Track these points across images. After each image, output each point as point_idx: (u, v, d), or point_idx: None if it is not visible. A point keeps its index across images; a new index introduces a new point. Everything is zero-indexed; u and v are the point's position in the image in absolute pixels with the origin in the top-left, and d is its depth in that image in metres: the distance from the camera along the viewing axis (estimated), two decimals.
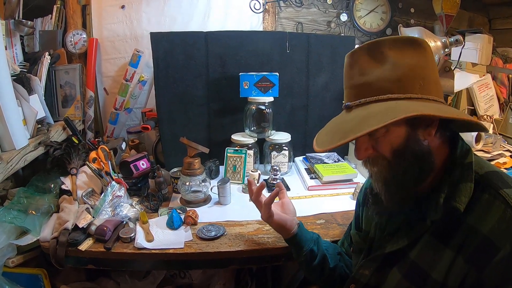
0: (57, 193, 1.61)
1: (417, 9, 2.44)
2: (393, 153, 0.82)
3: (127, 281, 1.83)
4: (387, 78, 0.81)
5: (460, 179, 0.82)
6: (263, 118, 1.95)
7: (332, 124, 0.90)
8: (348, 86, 0.88)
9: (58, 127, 1.88)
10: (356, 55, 0.87)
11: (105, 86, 2.30)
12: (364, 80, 0.83)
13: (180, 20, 2.24)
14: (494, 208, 0.75)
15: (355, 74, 0.85)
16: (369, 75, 0.83)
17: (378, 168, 0.87)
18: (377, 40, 0.85)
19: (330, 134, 0.86)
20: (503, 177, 0.81)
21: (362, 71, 0.84)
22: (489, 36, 2.34)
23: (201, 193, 1.67)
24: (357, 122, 0.79)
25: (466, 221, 0.78)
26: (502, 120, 2.19)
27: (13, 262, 1.37)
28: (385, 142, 0.82)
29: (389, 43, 0.84)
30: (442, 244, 0.81)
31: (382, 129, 0.78)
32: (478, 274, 0.74)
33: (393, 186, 0.85)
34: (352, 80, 0.86)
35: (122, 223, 1.45)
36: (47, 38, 2.14)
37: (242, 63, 1.98)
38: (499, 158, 1.86)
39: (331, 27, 2.37)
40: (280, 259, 1.39)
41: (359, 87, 0.84)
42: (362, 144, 0.86)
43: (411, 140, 0.81)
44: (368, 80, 0.83)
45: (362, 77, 0.84)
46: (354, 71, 0.86)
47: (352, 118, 0.83)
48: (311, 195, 1.77)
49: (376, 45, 0.85)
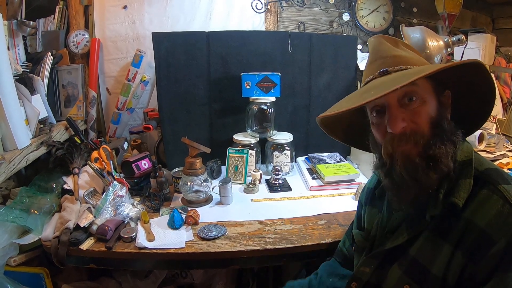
0: (59, 193, 1.62)
1: (419, 9, 2.43)
2: (432, 125, 0.83)
3: (128, 281, 1.83)
4: (417, 59, 0.86)
5: (460, 176, 0.82)
6: (265, 118, 1.95)
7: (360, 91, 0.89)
8: (382, 57, 0.89)
9: (61, 127, 1.89)
10: (382, 37, 0.92)
11: (107, 86, 2.31)
12: (399, 53, 0.87)
13: (182, 20, 2.24)
14: (492, 202, 0.76)
15: (387, 48, 0.88)
16: (400, 51, 0.87)
17: (412, 145, 0.82)
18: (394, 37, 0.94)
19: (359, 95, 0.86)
20: (502, 174, 0.81)
21: (393, 48, 0.88)
22: (492, 36, 2.32)
23: (203, 193, 1.67)
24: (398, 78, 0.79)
25: (464, 215, 0.78)
26: (505, 120, 2.18)
27: (15, 261, 1.38)
28: (424, 112, 0.83)
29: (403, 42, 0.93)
30: (441, 240, 0.81)
31: (419, 99, 0.81)
32: (474, 266, 0.74)
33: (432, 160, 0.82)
34: (386, 52, 0.88)
35: (124, 223, 1.46)
36: (49, 39, 2.14)
37: (244, 63, 1.98)
38: (502, 159, 1.84)
39: (333, 27, 2.37)
40: (281, 260, 1.40)
41: (395, 57, 0.86)
42: (399, 113, 0.83)
43: (442, 115, 0.85)
44: (402, 54, 0.86)
45: (395, 50, 0.87)
46: (385, 47, 0.89)
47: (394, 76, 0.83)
48: (313, 195, 1.77)
49: (394, 39, 0.93)
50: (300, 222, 1.51)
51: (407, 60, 0.85)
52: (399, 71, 0.84)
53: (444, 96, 0.87)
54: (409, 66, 0.84)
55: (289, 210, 1.61)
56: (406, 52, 0.88)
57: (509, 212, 0.72)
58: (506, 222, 0.72)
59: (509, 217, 0.72)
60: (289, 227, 1.47)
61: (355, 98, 0.85)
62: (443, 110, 0.86)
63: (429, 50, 1.60)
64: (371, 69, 0.90)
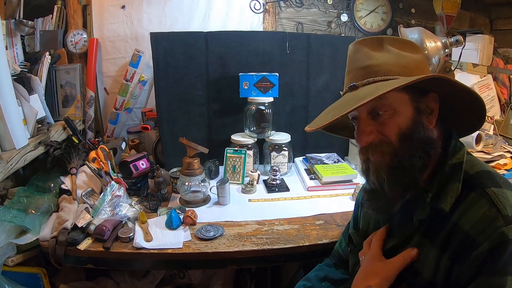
0: (57, 193, 1.61)
1: (418, 10, 2.44)
2: (400, 136, 0.82)
3: (126, 281, 1.83)
4: (394, 63, 0.83)
5: (449, 179, 0.82)
6: (263, 119, 1.95)
7: (335, 104, 0.90)
8: (354, 69, 0.88)
9: (58, 127, 1.89)
10: (360, 43, 0.89)
11: (105, 86, 2.31)
12: (371, 62, 0.84)
13: (180, 20, 2.24)
14: (479, 206, 0.75)
15: (361, 58, 0.86)
16: (375, 59, 0.84)
17: (379, 155, 0.85)
18: (379, 36, 0.88)
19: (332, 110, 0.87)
20: (493, 177, 0.80)
21: (369, 56, 0.85)
22: (490, 37, 2.33)
23: (200, 193, 1.67)
24: (369, 91, 0.79)
25: (452, 219, 0.78)
26: (503, 121, 2.18)
27: (12, 261, 1.38)
28: (392, 123, 0.82)
29: (390, 40, 0.87)
30: (430, 243, 0.81)
31: (389, 110, 0.81)
32: (459, 268, 0.74)
33: (397, 172, 0.84)
34: (358, 63, 0.87)
35: (121, 223, 1.46)
36: (47, 38, 2.14)
37: (242, 63, 1.98)
38: (499, 159, 1.85)
39: (332, 28, 2.37)
40: (279, 260, 1.40)
41: (367, 68, 0.84)
42: (366, 127, 0.85)
43: (417, 124, 0.83)
44: (376, 62, 0.84)
45: (369, 60, 0.85)
46: (360, 56, 0.87)
47: (360, 92, 0.83)
48: (310, 195, 1.77)
49: (379, 39, 0.88)
50: (297, 223, 1.51)
51: (378, 69, 0.83)
52: (366, 84, 0.83)
53: (424, 102, 0.85)
54: (377, 78, 0.82)
55: (287, 211, 1.61)
56: (385, 55, 0.85)
57: (495, 216, 0.72)
58: (491, 225, 0.71)
59: (494, 221, 0.71)
60: (286, 227, 1.47)
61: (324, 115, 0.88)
62: (421, 117, 0.84)
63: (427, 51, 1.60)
64: (346, 81, 0.91)
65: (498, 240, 0.70)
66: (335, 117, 0.78)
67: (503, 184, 0.78)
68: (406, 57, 0.84)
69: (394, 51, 0.84)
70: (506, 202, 0.73)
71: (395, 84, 0.76)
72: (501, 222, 0.70)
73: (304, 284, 1.16)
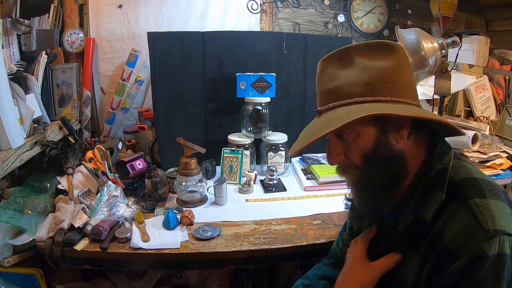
0: (53, 193, 1.61)
1: (414, 11, 2.45)
2: (363, 159, 0.82)
3: (123, 281, 1.83)
4: (355, 82, 0.81)
5: (432, 187, 0.81)
6: (260, 119, 1.95)
7: (304, 130, 0.91)
8: (319, 92, 0.89)
9: (55, 127, 1.88)
10: (327, 61, 0.88)
11: (102, 85, 2.30)
12: (333, 85, 0.83)
13: (178, 20, 2.24)
14: (459, 217, 0.74)
15: (325, 80, 0.86)
16: (338, 80, 0.83)
17: (349, 176, 0.88)
18: (348, 47, 0.86)
19: (300, 138, 0.89)
20: (479, 185, 0.78)
21: (332, 76, 0.84)
22: (486, 38, 2.34)
23: (198, 193, 1.67)
24: (322, 125, 0.81)
25: (434, 229, 0.77)
26: (499, 122, 2.20)
27: (8, 262, 1.37)
28: (355, 148, 0.82)
29: (358, 49, 0.84)
30: (413, 252, 0.81)
31: (352, 133, 0.81)
32: (438, 280, 0.75)
33: (365, 193, 0.86)
34: (323, 86, 0.87)
35: (118, 223, 1.45)
36: (44, 37, 2.13)
37: (239, 63, 1.98)
38: (495, 159, 1.86)
39: (329, 28, 2.38)
40: (277, 260, 1.40)
41: (329, 92, 0.84)
42: (334, 148, 0.87)
43: (381, 144, 0.81)
44: (337, 85, 0.83)
45: (332, 82, 0.84)
46: (325, 77, 0.86)
47: (320, 121, 0.85)
48: (307, 195, 1.77)
49: (346, 51, 0.85)
50: (295, 222, 1.51)
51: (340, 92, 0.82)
52: (329, 110, 0.84)
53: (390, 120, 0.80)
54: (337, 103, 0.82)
55: (284, 210, 1.61)
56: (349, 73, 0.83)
57: (475, 229, 0.71)
58: (471, 239, 0.70)
59: (474, 235, 0.70)
60: (284, 227, 1.48)
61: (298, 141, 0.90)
62: (387, 135, 0.81)
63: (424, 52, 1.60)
64: (319, 99, 0.90)
65: (476, 255, 0.69)
66: (300, 148, 0.84)
67: (488, 193, 0.76)
68: (372, 69, 0.81)
69: (360, 64, 0.82)
70: (488, 215, 0.72)
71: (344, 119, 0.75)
72: (480, 237, 0.70)
73: (303, 283, 1.16)
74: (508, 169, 1.86)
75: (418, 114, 0.77)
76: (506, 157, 1.91)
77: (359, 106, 0.78)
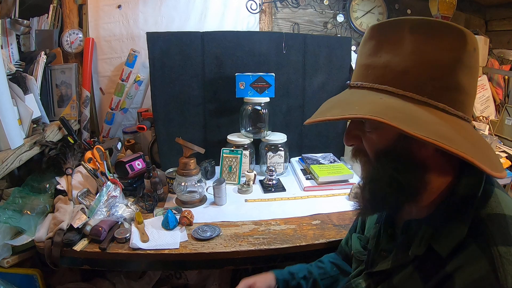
0: (52, 193, 1.61)
1: (413, 10, 2.45)
2: (376, 155, 0.75)
3: (122, 282, 1.83)
4: (394, 67, 0.69)
5: (454, 217, 0.70)
6: (259, 119, 1.95)
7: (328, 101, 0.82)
8: (357, 63, 0.80)
9: (54, 127, 1.88)
10: (374, 31, 0.76)
11: (101, 86, 2.30)
12: (370, 62, 0.74)
13: (177, 20, 2.24)
14: (477, 265, 0.63)
15: (365, 53, 0.76)
16: (377, 57, 0.73)
17: (359, 163, 0.82)
18: (403, 19, 0.72)
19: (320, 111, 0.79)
20: (507, 227, 0.65)
21: (373, 51, 0.74)
22: (485, 38, 2.35)
23: (197, 194, 1.67)
24: (343, 104, 0.74)
25: (446, 267, 0.67)
26: (498, 121, 2.20)
27: (8, 262, 1.37)
28: (371, 140, 0.75)
29: (415, 25, 0.70)
30: (421, 282, 0.72)
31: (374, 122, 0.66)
32: None
33: (367, 191, 0.79)
34: (360, 58, 0.78)
35: (117, 224, 1.45)
36: (43, 38, 2.13)
37: (239, 63, 1.98)
38: None
39: (328, 28, 2.38)
40: (276, 260, 1.40)
41: (364, 68, 0.75)
42: (352, 129, 0.80)
43: (399, 147, 0.71)
44: (374, 62, 0.73)
45: (370, 57, 0.74)
46: (366, 49, 0.76)
47: (343, 98, 0.77)
48: (307, 195, 1.77)
49: (399, 24, 0.72)
50: (294, 223, 1.51)
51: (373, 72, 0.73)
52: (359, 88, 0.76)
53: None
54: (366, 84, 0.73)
55: (283, 211, 1.62)
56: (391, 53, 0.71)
57: (492, 284, 0.61)
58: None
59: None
60: (283, 227, 1.48)
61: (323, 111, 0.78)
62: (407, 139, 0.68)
63: None
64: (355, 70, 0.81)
65: None
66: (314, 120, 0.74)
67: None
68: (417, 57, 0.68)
69: (407, 47, 0.69)
70: (510, 270, 0.61)
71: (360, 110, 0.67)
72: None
73: (318, 265, 1.17)
74: (508, 169, 1.86)
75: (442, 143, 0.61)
76: (506, 157, 1.92)
77: (381, 98, 0.69)
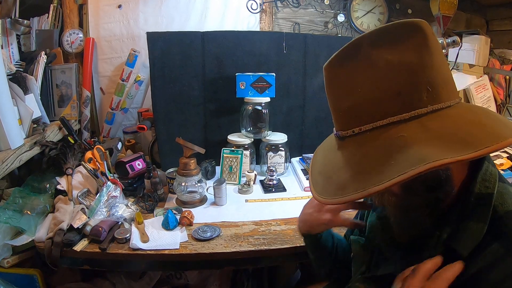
0: (53, 193, 1.61)
1: (414, 10, 2.44)
2: (403, 187, 0.66)
3: (122, 282, 1.82)
4: (380, 95, 0.61)
5: (472, 215, 0.65)
6: (260, 119, 1.95)
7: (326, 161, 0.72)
8: (334, 109, 0.69)
9: (54, 127, 1.88)
10: (334, 66, 0.69)
11: (101, 85, 2.30)
12: (352, 101, 0.64)
13: (177, 20, 2.23)
14: (503, 266, 0.59)
15: (338, 94, 0.67)
16: (356, 92, 0.63)
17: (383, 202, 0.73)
18: (358, 39, 0.65)
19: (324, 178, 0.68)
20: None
21: (347, 88, 0.65)
22: (486, 38, 2.34)
23: (197, 194, 1.67)
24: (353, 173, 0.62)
25: (467, 269, 0.63)
26: None
27: (8, 262, 1.37)
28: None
29: (373, 40, 0.63)
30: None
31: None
32: None
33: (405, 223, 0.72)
34: (337, 102, 0.68)
35: (118, 224, 1.45)
36: (43, 38, 2.13)
37: (239, 63, 1.97)
38: (496, 159, 1.86)
39: (328, 28, 2.37)
40: (276, 260, 1.40)
41: (348, 111, 0.65)
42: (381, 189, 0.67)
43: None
44: (356, 100, 0.63)
45: (348, 96, 0.65)
46: (337, 90, 0.68)
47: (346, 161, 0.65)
48: (307, 196, 1.76)
49: (357, 46, 0.64)
50: (294, 223, 1.50)
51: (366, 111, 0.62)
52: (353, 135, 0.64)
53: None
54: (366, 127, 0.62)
55: (283, 211, 1.61)
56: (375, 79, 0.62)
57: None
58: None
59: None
60: (283, 227, 1.47)
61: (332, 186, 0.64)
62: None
63: None
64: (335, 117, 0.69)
65: None
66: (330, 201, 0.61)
67: None
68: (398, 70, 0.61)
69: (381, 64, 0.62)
70: None
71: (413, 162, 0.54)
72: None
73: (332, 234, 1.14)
74: (509, 169, 1.85)
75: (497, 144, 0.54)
76: (507, 157, 1.91)
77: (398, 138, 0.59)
